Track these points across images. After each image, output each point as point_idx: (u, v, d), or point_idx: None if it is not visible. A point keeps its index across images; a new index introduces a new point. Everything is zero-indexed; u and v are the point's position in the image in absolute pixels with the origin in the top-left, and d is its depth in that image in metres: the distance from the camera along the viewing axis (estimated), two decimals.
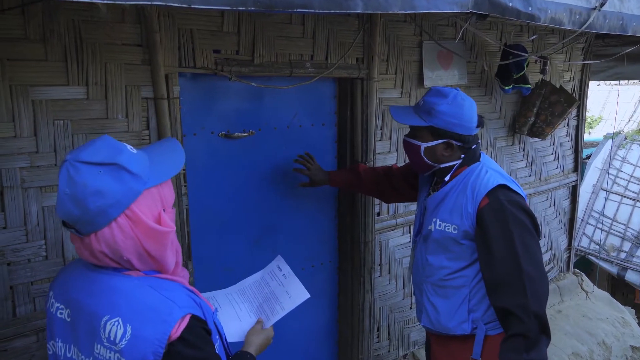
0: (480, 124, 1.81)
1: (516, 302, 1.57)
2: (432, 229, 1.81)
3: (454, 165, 1.79)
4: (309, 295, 1.54)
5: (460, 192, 1.74)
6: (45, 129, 1.68)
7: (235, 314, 1.56)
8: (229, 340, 1.38)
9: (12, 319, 1.71)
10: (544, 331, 1.57)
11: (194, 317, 1.04)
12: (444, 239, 1.77)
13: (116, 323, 0.99)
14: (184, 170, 2.00)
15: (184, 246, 2.03)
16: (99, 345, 1.01)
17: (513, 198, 1.67)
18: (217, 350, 1.13)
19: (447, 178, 1.79)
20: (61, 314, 1.10)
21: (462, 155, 1.79)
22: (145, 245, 1.02)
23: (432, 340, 1.99)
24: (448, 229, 1.75)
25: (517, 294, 1.57)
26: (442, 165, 1.80)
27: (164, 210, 1.07)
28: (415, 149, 1.80)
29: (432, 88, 1.80)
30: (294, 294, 1.56)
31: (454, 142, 1.75)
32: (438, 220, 1.78)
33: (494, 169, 1.79)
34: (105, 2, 1.05)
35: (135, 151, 1.05)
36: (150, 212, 1.03)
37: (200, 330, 1.05)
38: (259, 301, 1.60)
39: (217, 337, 1.17)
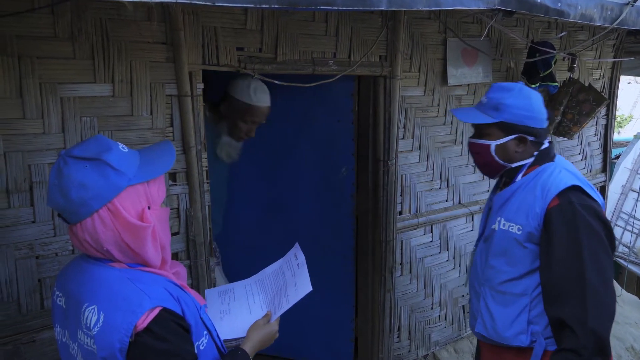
0: (549, 118, 1.71)
1: (573, 313, 1.43)
2: (496, 229, 1.69)
3: (524, 164, 1.67)
4: (311, 289, 1.50)
5: (529, 191, 1.62)
6: (73, 125, 1.71)
7: (248, 308, 1.56)
8: (236, 336, 1.41)
9: (40, 310, 1.75)
10: (601, 353, 1.41)
11: (165, 310, 1.06)
12: (507, 240, 1.65)
13: (93, 310, 1.05)
14: (206, 167, 2.02)
15: (206, 242, 2.05)
16: (80, 331, 1.07)
17: (587, 202, 1.53)
18: (205, 347, 1.16)
19: (518, 177, 1.66)
20: (60, 301, 1.17)
21: (535, 153, 1.67)
22: (125, 238, 1.08)
23: (483, 350, 1.86)
24: (512, 229, 1.62)
25: (575, 305, 1.43)
26: (513, 165, 1.68)
27: (148, 208, 1.12)
28: (485, 149, 1.68)
29: (493, 85, 1.70)
30: (300, 286, 1.52)
31: (526, 136, 1.63)
32: (502, 219, 1.66)
33: (569, 170, 1.66)
34: (132, 0, 1.06)
35: (126, 150, 1.13)
36: (133, 208, 1.09)
37: (171, 323, 1.07)
38: (273, 292, 1.58)
39: (205, 332, 1.19)
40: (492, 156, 1.67)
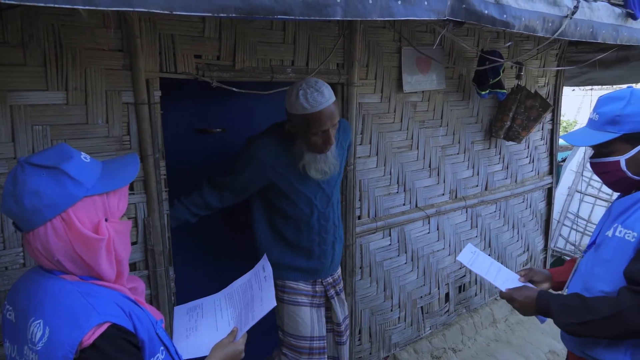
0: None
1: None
2: (610, 235, 1.52)
3: None
4: (275, 304, 1.48)
5: None
6: (24, 134, 1.66)
7: (215, 324, 1.51)
8: (202, 354, 1.38)
9: None
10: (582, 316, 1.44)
11: (114, 326, 1.03)
12: (618, 247, 1.48)
13: (38, 325, 1.02)
14: (164, 175, 1.99)
15: (165, 252, 2.03)
16: (26, 347, 1.04)
17: None
18: None
19: None
20: (10, 315, 1.13)
21: None
22: (77, 250, 1.06)
23: None
24: (627, 236, 1.46)
25: None
26: None
27: (106, 220, 1.10)
28: (614, 166, 1.52)
29: (599, 99, 1.59)
30: (265, 300, 1.48)
31: None
32: (620, 226, 1.50)
33: None
34: (86, 7, 1.05)
35: (88, 160, 1.11)
36: (89, 219, 1.07)
37: (120, 340, 1.04)
38: (241, 307, 1.55)
39: (162, 348, 1.16)
40: (623, 172, 1.52)
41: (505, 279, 1.84)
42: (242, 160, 2.04)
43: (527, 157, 3.90)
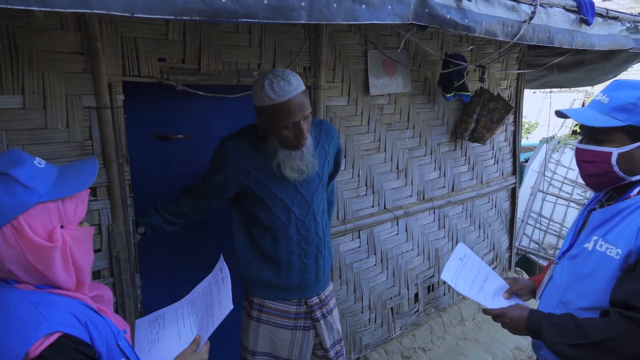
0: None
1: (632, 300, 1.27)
2: (590, 248, 1.42)
3: None
4: (232, 307, 1.41)
5: None
6: None
7: (177, 334, 1.46)
8: None
9: None
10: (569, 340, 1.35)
11: (65, 337, 1.00)
12: (600, 263, 1.38)
13: None
14: (129, 181, 1.95)
15: (130, 258, 1.98)
16: None
17: None
18: None
19: (633, 192, 1.39)
20: None
21: None
22: (30, 259, 1.02)
23: None
24: (610, 252, 1.36)
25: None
26: (634, 178, 1.40)
27: (62, 227, 1.07)
28: (603, 157, 1.39)
29: (612, 82, 1.44)
30: (224, 304, 1.42)
31: None
32: (601, 239, 1.40)
33: None
34: (41, 9, 1.02)
35: (43, 165, 1.07)
36: (42, 226, 1.03)
37: (71, 351, 1.00)
38: (202, 313, 1.50)
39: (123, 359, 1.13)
40: (611, 166, 1.39)
41: (492, 290, 1.75)
42: (214, 164, 1.92)
43: (491, 158, 3.99)
